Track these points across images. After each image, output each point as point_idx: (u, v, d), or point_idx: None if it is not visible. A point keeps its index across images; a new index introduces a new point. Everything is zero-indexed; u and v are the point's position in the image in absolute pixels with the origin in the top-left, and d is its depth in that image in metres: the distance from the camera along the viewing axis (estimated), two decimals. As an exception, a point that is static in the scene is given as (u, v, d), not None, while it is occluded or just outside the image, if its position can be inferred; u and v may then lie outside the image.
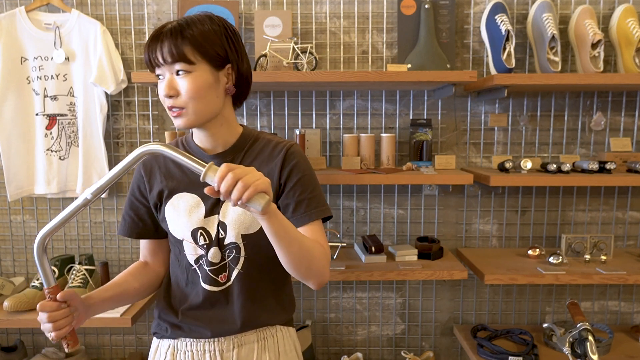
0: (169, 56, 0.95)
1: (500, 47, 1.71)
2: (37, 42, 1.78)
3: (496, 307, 2.02)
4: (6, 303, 1.62)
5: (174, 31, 0.96)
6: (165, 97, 0.98)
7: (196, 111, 0.99)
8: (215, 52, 0.99)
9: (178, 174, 1.09)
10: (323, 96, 1.90)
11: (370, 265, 1.70)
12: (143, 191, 1.11)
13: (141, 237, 1.15)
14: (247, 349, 1.09)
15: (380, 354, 2.05)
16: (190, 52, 0.96)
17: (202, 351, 1.09)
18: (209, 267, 1.07)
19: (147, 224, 1.13)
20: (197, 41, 0.96)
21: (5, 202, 1.95)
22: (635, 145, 1.91)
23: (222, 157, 1.07)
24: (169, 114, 1.02)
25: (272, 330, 1.12)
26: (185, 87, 0.97)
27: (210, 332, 1.08)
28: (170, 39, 0.96)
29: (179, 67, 0.96)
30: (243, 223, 1.05)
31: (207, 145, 1.08)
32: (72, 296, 0.95)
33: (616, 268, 1.67)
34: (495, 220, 1.97)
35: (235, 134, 1.09)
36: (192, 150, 1.10)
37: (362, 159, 1.79)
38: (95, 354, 2.04)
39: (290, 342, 1.16)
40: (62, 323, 0.92)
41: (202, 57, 0.97)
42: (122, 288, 1.09)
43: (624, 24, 1.74)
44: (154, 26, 1.85)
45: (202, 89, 0.98)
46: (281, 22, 1.77)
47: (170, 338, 1.12)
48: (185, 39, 0.96)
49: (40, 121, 1.82)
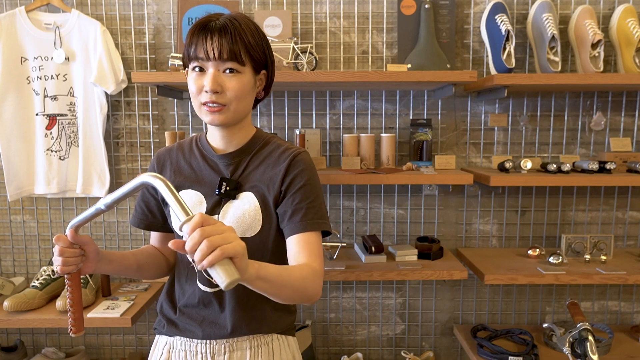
0: (224, 53, 0.96)
1: (500, 47, 1.71)
2: (37, 42, 1.78)
3: (496, 307, 2.02)
4: (6, 303, 1.62)
5: (228, 29, 0.97)
6: (210, 91, 0.98)
7: (236, 110, 1.01)
8: (259, 57, 1.02)
9: (187, 170, 1.10)
10: (323, 96, 1.90)
11: (370, 265, 1.70)
12: None
13: (149, 228, 1.16)
14: (239, 355, 1.08)
15: (380, 354, 2.05)
16: (244, 54, 0.98)
17: (194, 352, 1.09)
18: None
19: (156, 216, 1.15)
20: (250, 44, 0.99)
21: (5, 202, 1.95)
22: (635, 145, 1.91)
23: (230, 157, 1.08)
24: (199, 109, 1.01)
25: (267, 338, 1.10)
26: (232, 86, 0.98)
27: (201, 332, 1.08)
28: (225, 36, 0.97)
29: (230, 65, 0.98)
30: (242, 226, 1.04)
31: (221, 145, 1.09)
32: (86, 242, 0.95)
33: (616, 268, 1.67)
34: (495, 220, 1.97)
35: (247, 136, 1.10)
36: (204, 149, 1.11)
37: (362, 159, 1.79)
38: (95, 354, 2.04)
39: (287, 352, 1.12)
40: (70, 261, 0.93)
41: (250, 60, 1.00)
42: (129, 261, 1.09)
43: (624, 24, 1.74)
44: (154, 26, 1.85)
45: (246, 91, 1.01)
46: (281, 22, 1.77)
47: (166, 335, 1.13)
48: (240, 40, 0.98)
49: (40, 121, 1.82)
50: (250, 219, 1.04)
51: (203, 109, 1.00)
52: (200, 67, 0.99)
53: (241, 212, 1.04)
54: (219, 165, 1.08)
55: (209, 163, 1.09)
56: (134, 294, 1.79)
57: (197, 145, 1.13)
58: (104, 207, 0.87)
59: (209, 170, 1.09)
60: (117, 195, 0.85)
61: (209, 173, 1.08)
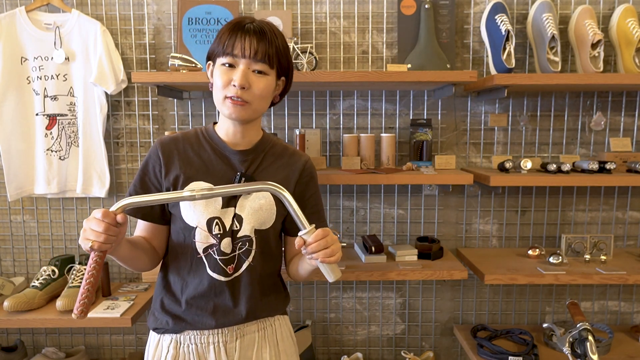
0: (259, 54, 1.03)
1: (500, 47, 1.71)
2: (37, 42, 1.78)
3: (496, 307, 2.02)
4: (6, 303, 1.62)
5: (266, 33, 1.05)
6: (239, 86, 1.03)
7: (257, 109, 1.08)
8: (285, 64, 1.11)
9: (197, 161, 1.12)
10: (323, 96, 1.90)
11: (370, 265, 1.70)
12: (157, 173, 1.12)
13: (145, 218, 1.14)
14: (248, 339, 1.15)
15: (380, 354, 2.05)
16: (274, 58, 1.06)
17: (206, 343, 1.12)
18: (220, 257, 1.10)
19: (154, 207, 1.13)
20: (280, 50, 1.08)
21: (5, 202, 1.95)
22: (635, 145, 1.91)
23: (245, 154, 1.13)
24: (222, 102, 1.07)
25: (270, 319, 1.19)
26: (259, 85, 1.06)
27: (214, 322, 1.11)
28: (262, 39, 1.04)
29: (261, 67, 1.05)
30: (259, 219, 1.11)
31: (233, 140, 1.14)
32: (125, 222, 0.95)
33: (616, 268, 1.67)
34: (495, 220, 1.97)
35: (258, 136, 1.17)
36: (214, 142, 1.14)
37: (362, 159, 1.79)
38: (95, 354, 2.04)
39: (286, 329, 1.23)
40: (111, 239, 0.93)
41: (277, 64, 1.08)
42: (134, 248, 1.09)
43: (624, 24, 1.74)
44: (154, 26, 1.85)
45: (269, 92, 1.09)
46: (281, 22, 1.77)
47: (172, 332, 1.13)
48: (273, 44, 1.05)
49: (40, 121, 1.82)
50: (267, 213, 1.12)
51: (227, 102, 1.06)
52: (231, 63, 1.05)
53: (258, 206, 1.11)
54: (233, 160, 1.13)
55: (220, 157, 1.13)
56: (134, 294, 1.79)
57: (205, 138, 1.15)
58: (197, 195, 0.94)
59: (220, 163, 1.12)
60: (220, 191, 0.96)
61: (220, 166, 1.12)
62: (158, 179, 1.12)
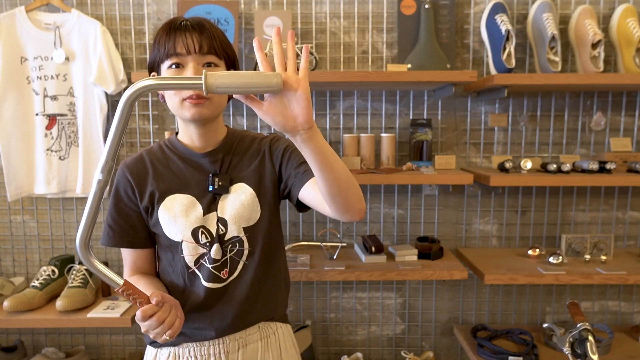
0: (205, 47, 0.98)
1: (500, 47, 1.71)
2: (37, 42, 1.78)
3: (496, 307, 2.01)
4: (6, 303, 1.62)
5: (204, 26, 1.00)
6: None
7: (216, 105, 1.02)
8: (232, 54, 1.05)
9: (167, 174, 1.08)
10: (323, 96, 1.90)
11: (370, 265, 1.70)
12: (131, 195, 1.07)
13: (133, 245, 1.08)
14: (251, 349, 1.10)
15: (380, 354, 2.05)
16: (219, 49, 1.01)
17: (206, 355, 1.08)
18: (212, 265, 1.06)
19: (138, 230, 1.08)
20: (222, 40, 1.02)
21: (5, 202, 1.95)
22: (635, 145, 1.91)
23: (213, 154, 1.09)
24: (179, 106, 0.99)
25: (272, 327, 1.14)
26: None
27: (214, 331, 1.07)
28: (203, 32, 0.99)
29: (211, 59, 1.00)
30: (242, 216, 1.06)
31: (198, 144, 1.08)
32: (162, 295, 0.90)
33: (616, 268, 1.67)
34: (495, 220, 1.97)
35: (222, 134, 1.11)
36: (179, 151, 1.09)
37: (362, 159, 1.79)
38: (95, 354, 2.04)
39: (289, 339, 1.19)
40: (172, 319, 0.89)
41: (225, 56, 1.03)
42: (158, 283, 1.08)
43: (624, 24, 1.74)
44: (154, 26, 1.85)
45: None
46: (281, 22, 1.77)
47: (171, 345, 1.10)
48: (217, 36, 1.01)
49: (40, 121, 1.82)
50: (249, 208, 1.07)
51: (185, 104, 0.99)
52: (178, 63, 0.99)
53: (239, 204, 1.06)
54: (203, 164, 1.08)
55: (190, 164, 1.08)
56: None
57: (170, 149, 1.10)
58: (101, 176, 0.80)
59: (192, 171, 1.07)
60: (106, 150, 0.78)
61: (193, 174, 1.07)
62: (133, 201, 1.07)
